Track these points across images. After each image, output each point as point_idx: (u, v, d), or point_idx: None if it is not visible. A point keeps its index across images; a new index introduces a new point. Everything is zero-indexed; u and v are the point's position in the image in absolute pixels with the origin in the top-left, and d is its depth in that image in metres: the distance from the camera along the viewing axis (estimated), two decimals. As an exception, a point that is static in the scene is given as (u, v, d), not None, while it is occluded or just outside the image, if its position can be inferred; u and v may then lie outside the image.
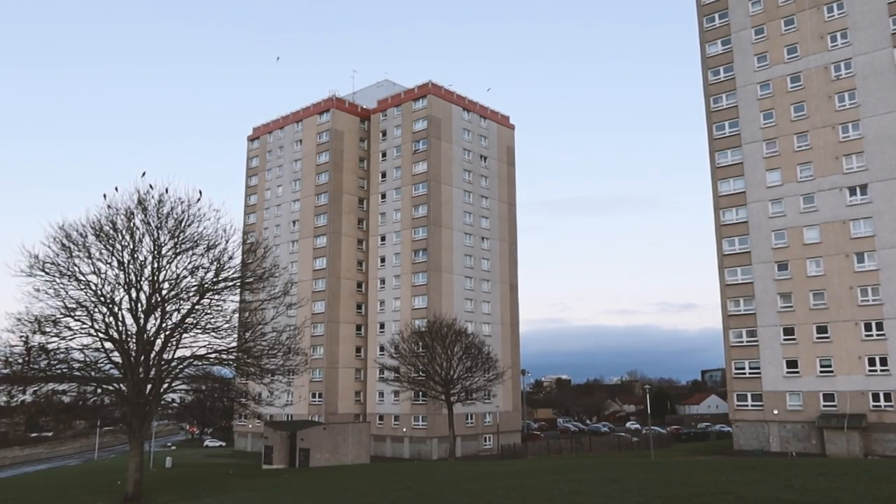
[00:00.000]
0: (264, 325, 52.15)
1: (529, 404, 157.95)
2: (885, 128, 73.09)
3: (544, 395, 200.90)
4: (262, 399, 55.67)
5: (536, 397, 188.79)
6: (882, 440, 69.53)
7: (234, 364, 50.59)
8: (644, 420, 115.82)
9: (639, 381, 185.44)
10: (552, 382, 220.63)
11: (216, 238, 47.03)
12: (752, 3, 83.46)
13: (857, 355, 71.65)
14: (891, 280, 70.74)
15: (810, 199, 76.54)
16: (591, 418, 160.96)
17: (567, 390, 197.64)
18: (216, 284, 47.27)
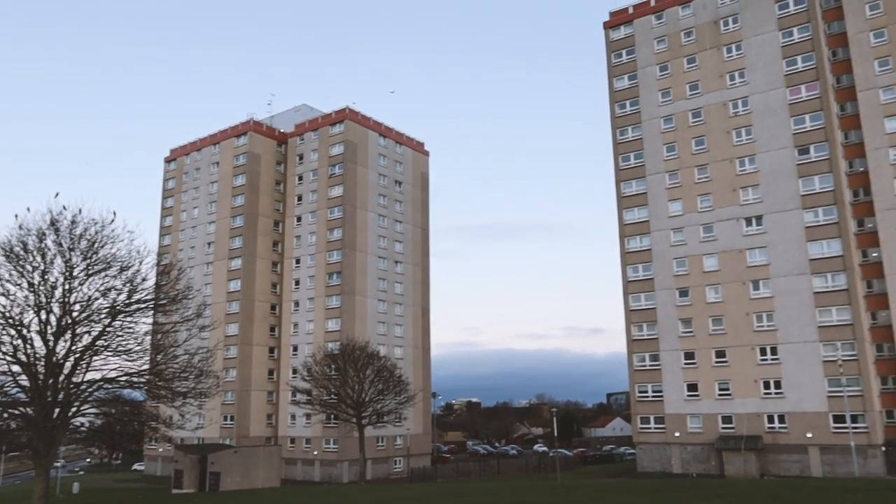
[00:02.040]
0: (177, 348, 48.29)
1: (440, 427, 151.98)
2: (779, 163, 72.16)
3: (455, 417, 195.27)
4: (173, 422, 52.76)
5: (447, 420, 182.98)
6: (777, 461, 67.18)
7: (146, 387, 47.05)
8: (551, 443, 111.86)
9: (547, 404, 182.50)
10: (463, 405, 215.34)
11: (130, 259, 43.77)
12: (657, 41, 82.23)
13: (753, 379, 69.45)
14: (784, 307, 69.12)
15: (710, 229, 74.73)
16: (499, 441, 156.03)
17: (477, 413, 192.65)
18: (129, 306, 44.02)
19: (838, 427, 64.34)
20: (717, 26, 78.75)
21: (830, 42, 75.64)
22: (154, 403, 54.04)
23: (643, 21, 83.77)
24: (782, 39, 74.61)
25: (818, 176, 69.90)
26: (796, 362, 67.44)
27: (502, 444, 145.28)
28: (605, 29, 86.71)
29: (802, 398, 66.67)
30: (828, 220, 68.75)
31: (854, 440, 62.59)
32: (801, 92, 72.49)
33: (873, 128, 70.77)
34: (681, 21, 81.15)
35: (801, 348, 67.44)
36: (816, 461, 65.29)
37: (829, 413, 65.23)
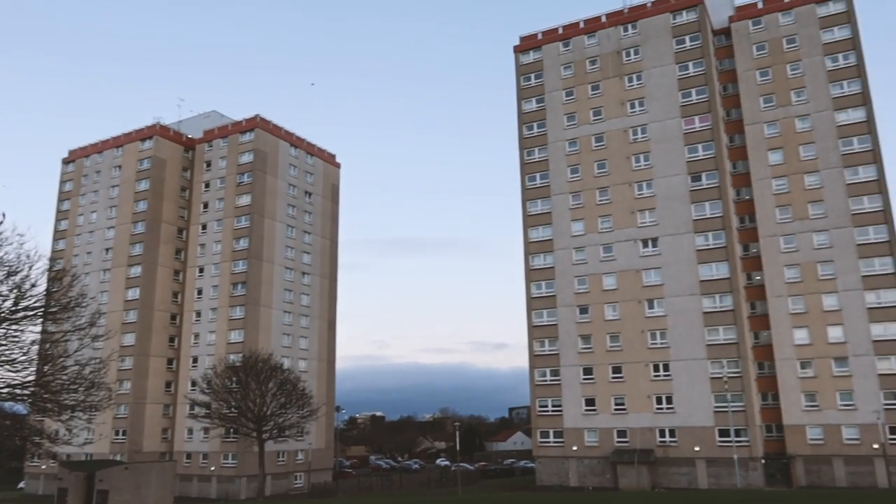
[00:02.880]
0: (66, 358, 44.56)
1: (343, 441, 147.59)
2: (674, 188, 73.89)
3: (358, 432, 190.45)
4: (59, 437, 48.09)
5: (350, 434, 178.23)
6: (667, 473, 67.97)
7: (29, 400, 43.01)
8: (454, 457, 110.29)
9: (450, 418, 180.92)
10: (367, 419, 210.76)
11: (18, 264, 39.87)
12: (564, 67, 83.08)
13: (647, 394, 70.24)
14: (676, 325, 70.43)
15: (609, 249, 75.53)
16: (403, 455, 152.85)
17: (381, 427, 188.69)
18: (14, 313, 40.27)
19: (723, 441, 65.75)
20: (619, 56, 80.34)
21: (722, 77, 78.63)
22: (38, 417, 50.15)
23: (551, 47, 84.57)
24: (679, 72, 76.83)
25: (709, 202, 71.94)
26: (686, 379, 68.69)
27: (405, 459, 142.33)
28: (516, 53, 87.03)
29: (691, 413, 67.86)
30: (717, 244, 70.75)
31: (737, 453, 64.05)
32: (695, 122, 74.69)
33: (758, 159, 73.76)
34: (586, 49, 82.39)
35: (691, 365, 68.78)
36: (703, 473, 66.43)
37: (715, 427, 66.60)
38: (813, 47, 74.30)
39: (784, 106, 73.96)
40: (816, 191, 70.50)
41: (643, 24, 79.96)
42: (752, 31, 77.80)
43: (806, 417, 66.67)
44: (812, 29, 74.88)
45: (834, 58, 73.30)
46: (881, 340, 65.07)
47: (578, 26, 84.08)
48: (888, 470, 62.25)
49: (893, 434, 63.17)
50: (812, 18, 75.18)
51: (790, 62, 74.90)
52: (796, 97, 73.71)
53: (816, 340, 67.31)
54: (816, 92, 72.96)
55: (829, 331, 67.04)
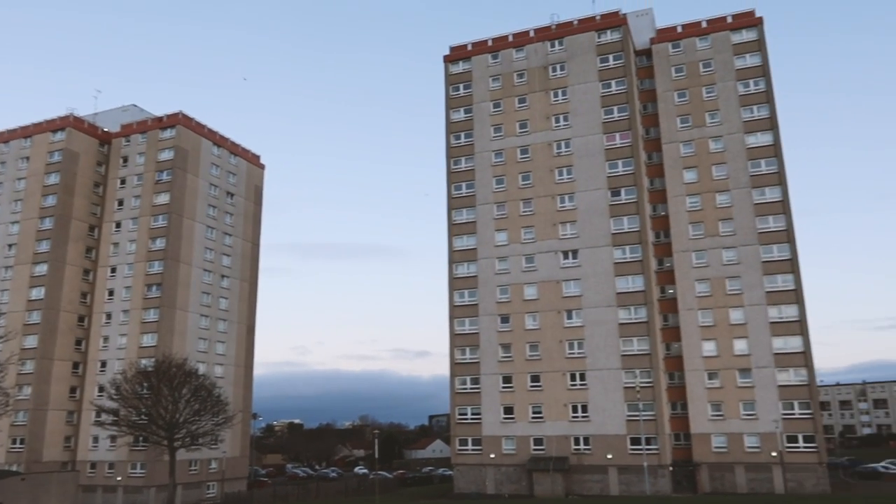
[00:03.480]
0: None
1: (259, 449, 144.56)
2: (594, 202, 76.30)
3: (276, 439, 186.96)
4: None
5: (267, 442, 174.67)
6: (581, 480, 69.87)
7: None
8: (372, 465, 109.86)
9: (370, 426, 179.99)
10: (284, 427, 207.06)
11: None
12: (492, 78, 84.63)
13: (563, 403, 72.11)
14: (593, 335, 72.65)
15: (531, 260, 77.27)
16: (320, 463, 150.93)
17: (299, 435, 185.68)
18: None
19: (634, 449, 68.20)
20: (546, 71, 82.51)
21: (642, 97, 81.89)
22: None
23: (480, 59, 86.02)
24: (602, 90, 79.53)
25: (627, 217, 74.68)
26: (601, 388, 70.94)
27: (323, 467, 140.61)
28: (445, 62, 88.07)
29: (605, 421, 70.09)
30: (633, 258, 73.49)
31: (647, 461, 66.56)
32: (616, 139, 77.45)
33: (674, 177, 77.20)
34: (514, 63, 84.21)
35: (606, 375, 71.11)
36: (614, 480, 68.68)
37: (627, 436, 68.99)
38: (727, 72, 78.44)
39: (699, 127, 77.74)
40: (726, 209, 74.37)
41: (569, 41, 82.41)
42: (672, 53, 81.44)
43: (712, 426, 70.01)
44: (726, 55, 79.06)
45: (745, 83, 77.59)
46: (781, 353, 69.14)
47: (507, 39, 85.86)
48: (785, 477, 66.08)
49: (790, 442, 67.13)
50: (726, 45, 79.38)
51: (705, 85, 78.80)
52: (710, 119, 77.60)
53: (723, 352, 70.89)
54: (729, 115, 77.02)
55: (735, 343, 70.74)
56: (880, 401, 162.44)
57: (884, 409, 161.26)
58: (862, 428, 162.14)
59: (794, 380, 68.44)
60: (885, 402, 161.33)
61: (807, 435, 67.16)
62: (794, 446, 67.08)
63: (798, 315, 69.64)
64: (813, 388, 68.57)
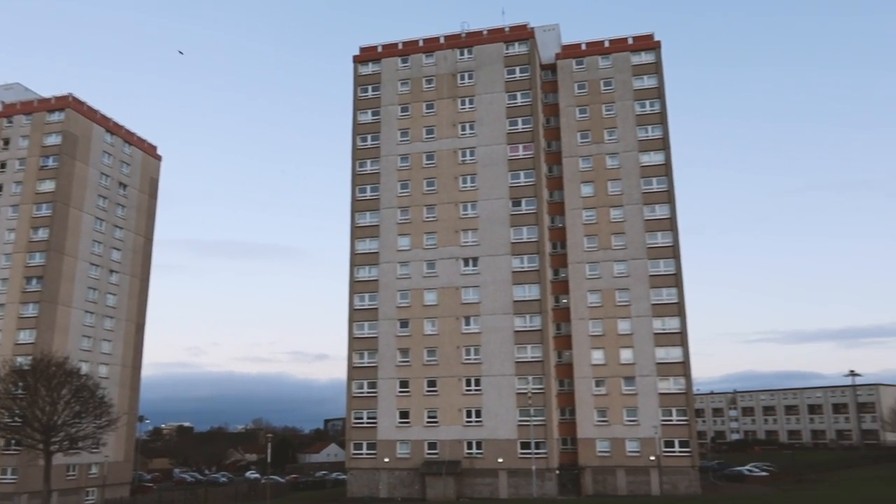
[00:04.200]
0: None
1: (145, 454, 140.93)
2: (496, 211, 79.94)
3: (163, 443, 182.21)
4: None
5: (154, 446, 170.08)
6: (472, 484, 73.21)
7: None
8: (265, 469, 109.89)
9: (263, 430, 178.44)
10: (173, 430, 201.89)
11: None
12: (401, 82, 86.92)
13: (458, 408, 75.29)
14: (489, 342, 76.22)
15: (433, 266, 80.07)
16: (210, 468, 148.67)
17: (189, 439, 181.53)
18: None
19: (524, 453, 72.17)
20: (454, 79, 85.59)
21: (546, 110, 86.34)
22: None
23: (390, 61, 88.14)
24: (507, 101, 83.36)
25: (526, 227, 78.75)
26: (495, 393, 74.62)
27: (213, 472, 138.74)
28: (355, 63, 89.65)
29: (498, 426, 73.78)
30: (531, 267, 77.62)
31: (535, 465, 70.65)
32: (519, 150, 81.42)
33: (572, 190, 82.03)
34: (424, 68, 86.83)
35: (500, 381, 74.84)
36: (504, 484, 72.46)
37: (517, 440, 72.92)
38: (625, 92, 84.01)
39: (598, 143, 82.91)
40: (619, 224, 79.78)
41: (478, 51, 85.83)
42: (576, 69, 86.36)
43: (597, 431, 75.09)
44: (626, 75, 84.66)
45: (642, 103, 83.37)
46: (663, 363, 75.03)
47: (418, 44, 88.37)
48: (661, 479, 71.86)
49: (667, 447, 73.00)
50: (627, 65, 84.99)
51: (605, 103, 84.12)
52: (608, 136, 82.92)
53: (610, 361, 76.11)
54: (625, 133, 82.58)
55: (622, 352, 76.12)
56: (748, 409, 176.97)
57: (751, 417, 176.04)
58: (731, 434, 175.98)
59: (673, 388, 74.46)
60: (752, 409, 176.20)
61: (682, 440, 73.25)
62: (670, 451, 73.02)
63: (680, 327, 75.74)
64: (690, 396, 74.85)
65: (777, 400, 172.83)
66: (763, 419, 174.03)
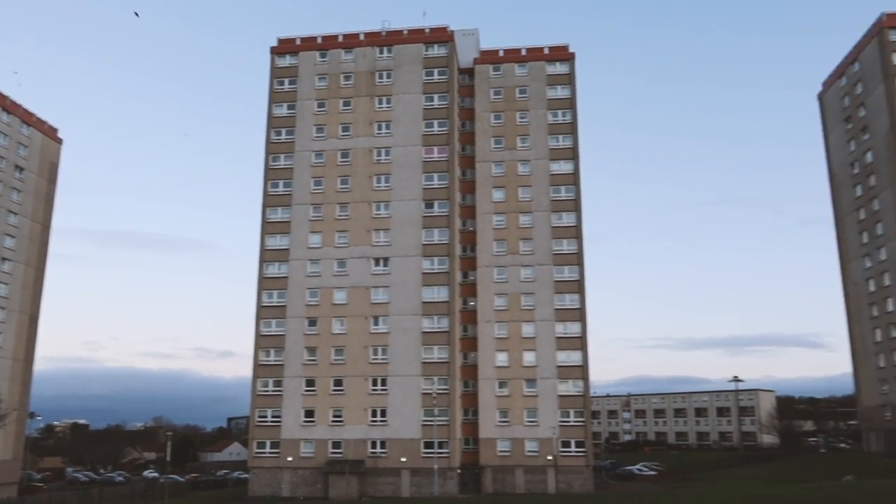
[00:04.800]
0: None
1: (36, 452, 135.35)
2: (409, 212, 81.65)
3: (56, 441, 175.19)
4: None
5: (46, 444, 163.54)
6: (375, 483, 74.80)
7: None
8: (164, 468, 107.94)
9: (163, 428, 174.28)
10: (67, 428, 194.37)
11: None
12: (318, 77, 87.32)
13: (364, 407, 76.71)
14: (397, 342, 77.93)
15: (343, 264, 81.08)
16: (106, 467, 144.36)
17: (83, 437, 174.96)
18: None
19: (427, 452, 74.35)
20: (373, 77, 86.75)
21: (462, 114, 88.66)
22: None
23: (308, 55, 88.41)
24: (425, 102, 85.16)
25: (438, 229, 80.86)
26: (401, 393, 76.45)
27: (109, 471, 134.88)
28: (272, 54, 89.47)
29: (402, 426, 75.64)
30: (441, 269, 79.77)
31: (438, 464, 72.95)
32: (434, 152, 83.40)
33: (484, 195, 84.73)
34: (342, 64, 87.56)
35: (406, 381, 76.69)
36: (407, 483, 74.43)
37: (421, 440, 75.01)
38: (539, 100, 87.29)
39: (510, 149, 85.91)
40: (528, 230, 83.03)
41: (398, 50, 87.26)
42: (493, 75, 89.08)
43: (498, 432, 78.13)
44: (540, 84, 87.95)
45: (555, 113, 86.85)
46: (563, 366, 78.76)
47: (337, 39, 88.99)
48: (557, 478, 75.58)
49: (564, 447, 76.74)
50: (541, 74, 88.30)
51: (520, 110, 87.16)
52: (521, 143, 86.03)
53: (513, 363, 79.28)
54: (537, 141, 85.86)
55: (525, 355, 79.40)
56: (640, 411, 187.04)
57: (643, 419, 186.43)
58: (624, 435, 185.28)
59: (572, 390, 78.31)
60: (644, 412, 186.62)
61: (578, 440, 77.20)
62: (567, 451, 76.85)
63: (581, 332, 79.65)
64: (587, 398, 78.89)
65: (667, 403, 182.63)
66: (654, 421, 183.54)
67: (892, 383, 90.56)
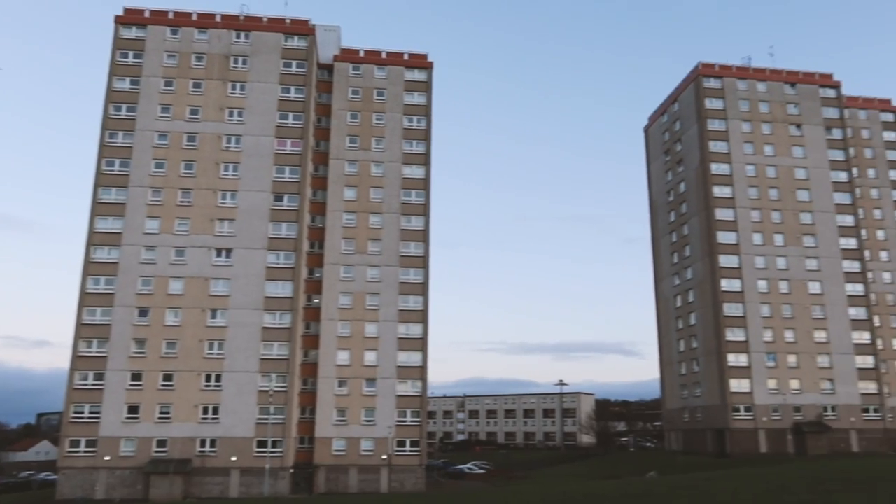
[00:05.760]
0: None
1: None
2: (257, 203, 77.80)
3: None
4: None
5: None
6: (202, 483, 70.29)
7: None
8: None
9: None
10: None
11: None
12: (168, 54, 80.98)
13: (195, 404, 71.91)
14: (235, 337, 73.90)
15: (182, 253, 75.67)
16: None
17: None
18: None
19: (260, 451, 71.02)
20: (227, 61, 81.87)
21: (318, 109, 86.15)
22: None
23: (158, 30, 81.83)
24: (280, 93, 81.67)
25: (286, 223, 77.74)
26: (236, 390, 72.48)
27: None
28: (116, 24, 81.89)
29: (235, 424, 71.74)
30: (287, 264, 76.74)
31: (270, 463, 69.88)
32: (287, 145, 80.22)
33: (335, 192, 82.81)
34: (195, 44, 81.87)
35: (243, 377, 72.89)
36: (236, 483, 70.60)
37: (254, 438, 71.53)
38: (396, 104, 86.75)
39: (365, 150, 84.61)
40: (377, 230, 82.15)
41: (256, 37, 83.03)
42: (352, 74, 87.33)
43: (335, 431, 76.41)
44: (398, 88, 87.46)
45: (410, 118, 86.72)
46: (404, 366, 78.65)
47: (191, 17, 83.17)
48: (391, 477, 75.21)
49: (399, 447, 76.60)
50: (400, 79, 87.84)
51: (376, 112, 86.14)
52: (376, 144, 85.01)
53: (355, 362, 77.99)
54: (392, 144, 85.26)
55: (366, 355, 78.39)
56: (474, 411, 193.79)
57: (475, 419, 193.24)
58: (458, 434, 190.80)
59: (410, 391, 78.35)
60: (477, 412, 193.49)
61: (413, 440, 77.36)
62: (401, 450, 76.73)
63: (422, 333, 79.92)
64: (424, 399, 79.33)
65: (499, 404, 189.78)
66: (486, 421, 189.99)
67: (691, 388, 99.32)
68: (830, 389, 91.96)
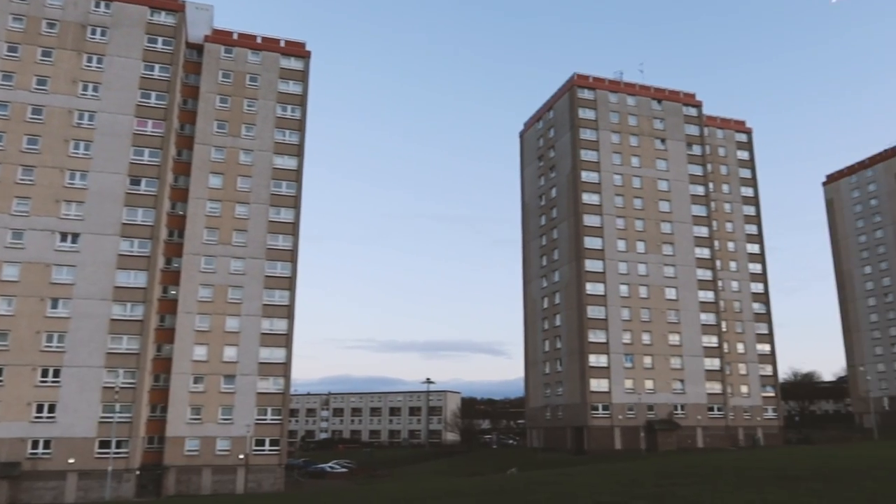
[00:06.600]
0: None
1: None
2: (110, 186, 71.15)
3: None
4: None
5: None
6: (32, 488, 63.07)
7: None
8: None
9: None
10: None
11: None
12: (13, 16, 72.56)
13: (27, 401, 64.45)
14: (79, 329, 67.06)
15: (20, 236, 67.82)
16: None
17: None
18: None
19: (102, 452, 64.63)
20: (84, 31, 74.53)
21: (185, 91, 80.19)
22: None
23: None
24: (143, 71, 75.30)
25: (142, 209, 71.54)
26: (77, 386, 65.67)
27: None
28: (-47, -21, 72.47)
29: (74, 423, 64.94)
30: (141, 252, 70.60)
31: (113, 465, 63.70)
32: (148, 126, 73.98)
33: (199, 179, 77.26)
34: (46, 9, 73.92)
35: (85, 373, 66.17)
36: (73, 487, 63.88)
37: (96, 439, 65.03)
38: (269, 92, 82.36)
39: (234, 136, 79.60)
40: (243, 221, 77.41)
41: (118, 8, 76.13)
42: (223, 57, 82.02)
43: (188, 430, 70.99)
44: (273, 75, 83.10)
45: (284, 107, 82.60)
46: (266, 363, 74.44)
47: (43, -21, 75.07)
48: (247, 477, 70.79)
49: (257, 446, 72.34)
50: (275, 66, 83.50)
51: (248, 98, 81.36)
52: (246, 131, 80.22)
53: (213, 358, 72.89)
54: (263, 132, 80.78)
55: (226, 350, 73.49)
56: (338, 409, 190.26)
57: (340, 417, 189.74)
58: (321, 433, 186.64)
59: (272, 388, 74.26)
60: (342, 410, 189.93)
61: (273, 439, 73.32)
62: (260, 449, 72.50)
63: (287, 329, 76.03)
64: (286, 396, 75.46)
65: (364, 402, 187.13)
66: (350, 420, 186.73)
67: (553, 387, 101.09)
68: (681, 389, 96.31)
